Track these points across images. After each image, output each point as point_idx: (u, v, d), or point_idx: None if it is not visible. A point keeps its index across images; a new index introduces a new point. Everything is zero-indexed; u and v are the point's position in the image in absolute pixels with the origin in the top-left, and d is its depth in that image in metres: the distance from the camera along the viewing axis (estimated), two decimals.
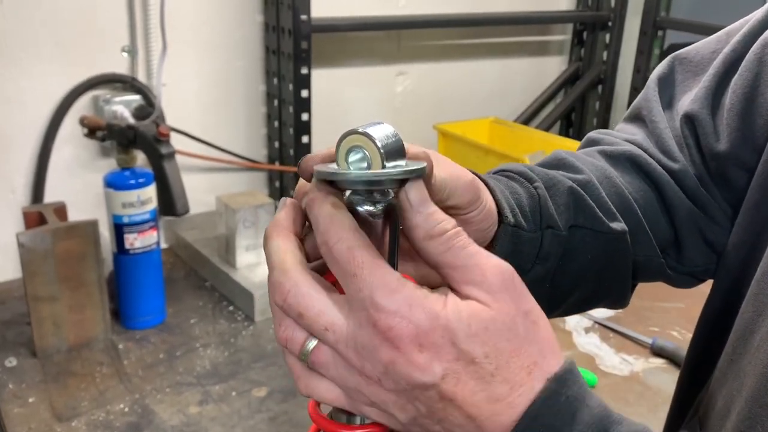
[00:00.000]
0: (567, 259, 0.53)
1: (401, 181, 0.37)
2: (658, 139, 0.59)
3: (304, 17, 1.56)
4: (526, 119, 2.22)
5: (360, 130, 0.37)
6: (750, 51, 0.54)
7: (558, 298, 0.56)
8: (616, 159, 0.59)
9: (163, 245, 1.55)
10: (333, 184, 0.38)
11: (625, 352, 1.26)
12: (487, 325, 0.35)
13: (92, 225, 1.17)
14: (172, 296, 1.38)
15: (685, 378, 0.62)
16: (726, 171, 0.56)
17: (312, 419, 0.44)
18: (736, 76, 0.54)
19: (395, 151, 0.37)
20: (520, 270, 0.50)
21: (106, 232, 1.26)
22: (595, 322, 1.34)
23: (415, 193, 0.37)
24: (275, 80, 1.67)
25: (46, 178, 1.45)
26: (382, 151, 0.36)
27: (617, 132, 0.64)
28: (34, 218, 1.19)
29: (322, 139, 1.73)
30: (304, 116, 1.65)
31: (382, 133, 0.37)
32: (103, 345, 1.23)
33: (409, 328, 0.35)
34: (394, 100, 1.97)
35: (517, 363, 0.36)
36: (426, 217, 0.37)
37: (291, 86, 1.62)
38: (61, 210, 1.23)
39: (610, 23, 2.19)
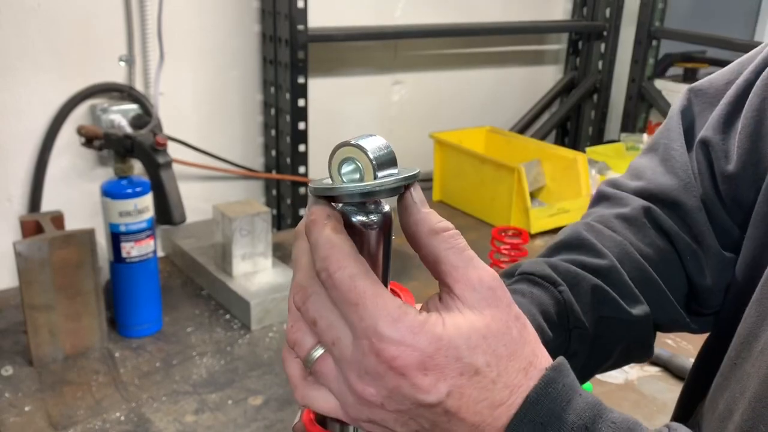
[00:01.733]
0: (594, 346, 0.56)
1: (396, 190, 0.38)
2: (667, 161, 0.61)
3: (300, 27, 1.57)
4: (522, 128, 2.23)
5: (352, 142, 0.37)
6: (759, 78, 0.57)
7: (586, 375, 0.59)
8: (632, 221, 0.61)
9: (160, 254, 1.55)
10: (328, 198, 0.39)
11: None
12: (484, 333, 0.37)
13: (89, 234, 1.17)
14: (169, 305, 1.38)
15: (689, 387, 0.63)
16: (737, 192, 0.57)
17: (306, 429, 0.45)
18: (747, 102, 0.57)
19: (387, 162, 0.38)
20: None
21: (102, 241, 1.26)
22: None
23: (417, 193, 0.39)
24: (272, 89, 1.68)
25: (43, 187, 1.45)
26: (374, 162, 0.37)
27: (626, 181, 0.65)
28: (31, 227, 1.19)
29: (318, 148, 1.74)
30: (301, 125, 1.66)
31: (374, 145, 0.38)
32: (99, 354, 1.23)
33: (414, 355, 0.35)
34: (390, 109, 1.98)
35: (515, 366, 0.37)
36: (428, 214, 0.39)
37: (288, 95, 1.63)
38: (58, 219, 1.23)
39: (605, 33, 2.21)
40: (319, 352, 0.38)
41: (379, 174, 0.37)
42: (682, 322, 0.60)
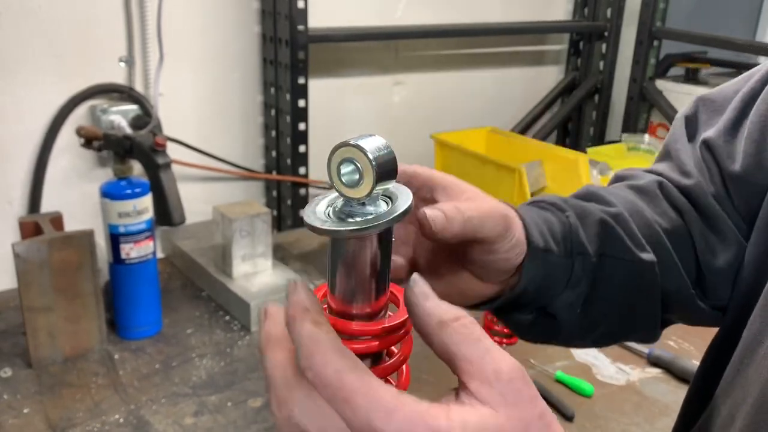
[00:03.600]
0: (597, 286, 0.55)
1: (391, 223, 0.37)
2: (678, 162, 0.62)
3: (301, 28, 1.57)
4: (523, 129, 2.22)
5: (352, 142, 0.37)
6: (766, 87, 0.57)
7: (587, 326, 0.57)
8: (645, 191, 0.61)
9: (160, 255, 1.54)
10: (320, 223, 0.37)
11: (622, 362, 1.26)
12: None
13: (88, 235, 1.17)
14: (169, 306, 1.38)
15: (693, 394, 0.62)
16: (743, 193, 0.58)
17: None
18: (753, 108, 0.58)
19: (387, 163, 0.37)
20: (551, 294, 0.52)
21: (102, 242, 1.26)
22: None
23: (420, 285, 0.37)
24: (272, 90, 1.68)
25: (42, 189, 1.45)
26: (374, 163, 0.36)
27: (642, 170, 0.66)
28: (30, 228, 1.19)
29: (319, 149, 1.73)
30: (302, 126, 1.66)
31: (374, 145, 0.37)
32: (98, 356, 1.22)
33: None
34: (391, 109, 1.98)
35: None
36: (437, 305, 0.36)
37: (288, 96, 1.63)
38: (57, 220, 1.23)
39: (606, 33, 2.20)
40: None
41: (378, 186, 0.36)
42: (686, 293, 0.58)
